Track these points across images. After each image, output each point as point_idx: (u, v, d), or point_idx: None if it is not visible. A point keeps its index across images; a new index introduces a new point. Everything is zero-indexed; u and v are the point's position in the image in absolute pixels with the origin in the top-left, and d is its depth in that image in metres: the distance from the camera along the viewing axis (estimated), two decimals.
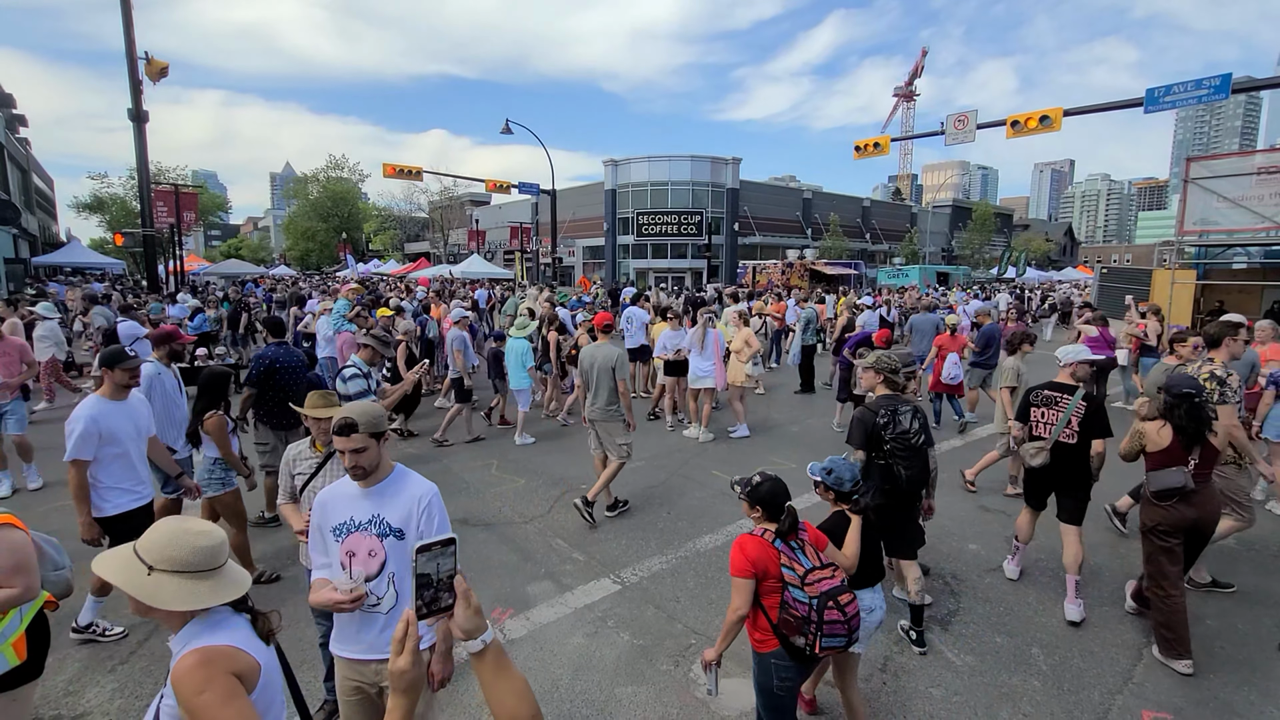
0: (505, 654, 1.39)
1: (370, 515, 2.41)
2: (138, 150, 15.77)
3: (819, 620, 2.55)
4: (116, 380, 3.91)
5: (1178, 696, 3.59)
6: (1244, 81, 13.90)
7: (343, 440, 2.34)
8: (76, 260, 28.99)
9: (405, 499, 2.43)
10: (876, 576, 3.30)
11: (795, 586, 2.60)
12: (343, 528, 2.43)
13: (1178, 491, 3.85)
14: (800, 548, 2.73)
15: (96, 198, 45.26)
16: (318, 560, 2.50)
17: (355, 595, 2.28)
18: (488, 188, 27.33)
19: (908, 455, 3.92)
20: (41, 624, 2.63)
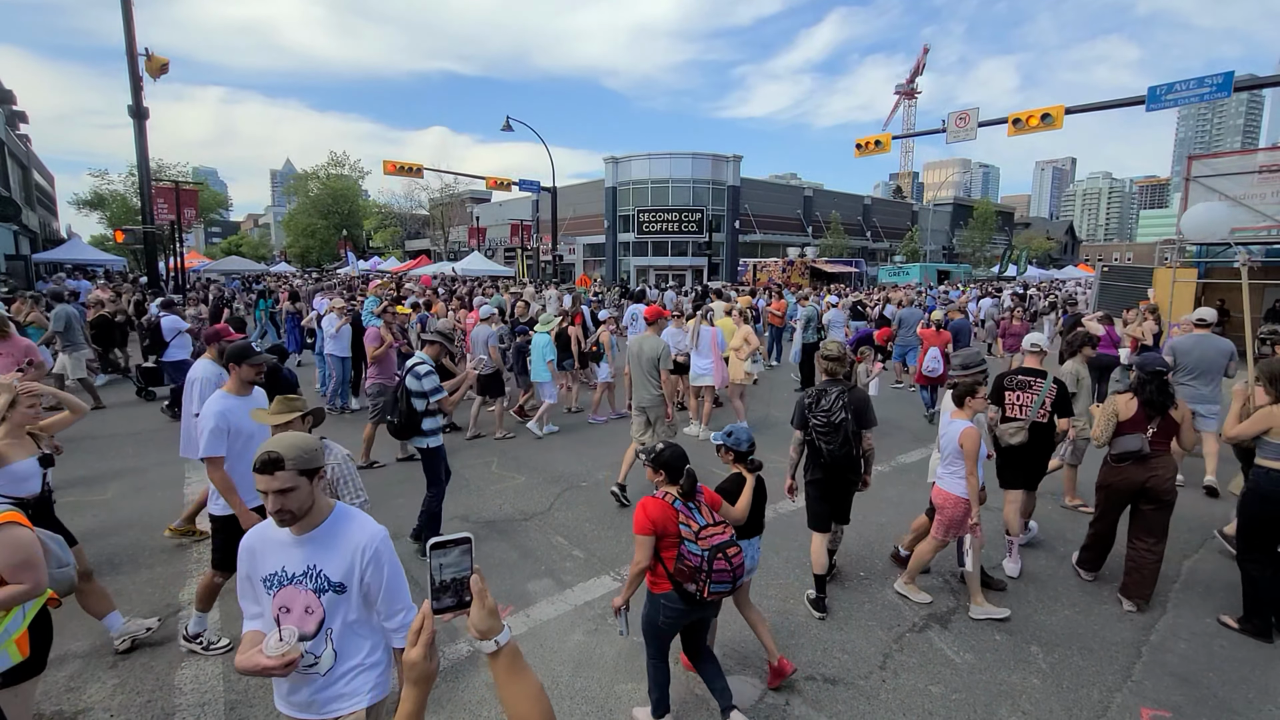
0: (520, 656, 1.39)
1: (305, 566, 2.11)
2: (138, 147, 15.77)
3: (709, 569, 2.93)
4: (243, 376, 3.86)
5: (1177, 694, 3.60)
6: (1246, 80, 13.87)
7: (265, 479, 1.99)
8: (77, 257, 28.97)
9: (346, 547, 2.12)
10: (756, 530, 3.80)
11: (690, 541, 2.96)
12: (274, 579, 2.13)
13: (1134, 455, 4.42)
14: (697, 507, 3.10)
15: (97, 194, 45.30)
16: (249, 610, 2.19)
17: (286, 660, 1.97)
18: (488, 185, 27.30)
19: (828, 432, 4.39)
20: (44, 621, 2.64)
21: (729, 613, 4.37)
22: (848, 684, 3.66)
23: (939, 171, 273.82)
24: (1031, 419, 4.98)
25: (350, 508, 2.26)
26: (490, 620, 1.35)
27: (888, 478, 7.21)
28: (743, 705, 3.49)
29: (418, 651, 1.32)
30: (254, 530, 2.22)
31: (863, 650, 3.98)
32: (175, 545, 5.37)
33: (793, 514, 6.09)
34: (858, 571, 5.00)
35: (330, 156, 54.66)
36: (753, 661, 3.86)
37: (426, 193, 53.84)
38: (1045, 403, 4.98)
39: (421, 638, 1.33)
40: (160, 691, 3.58)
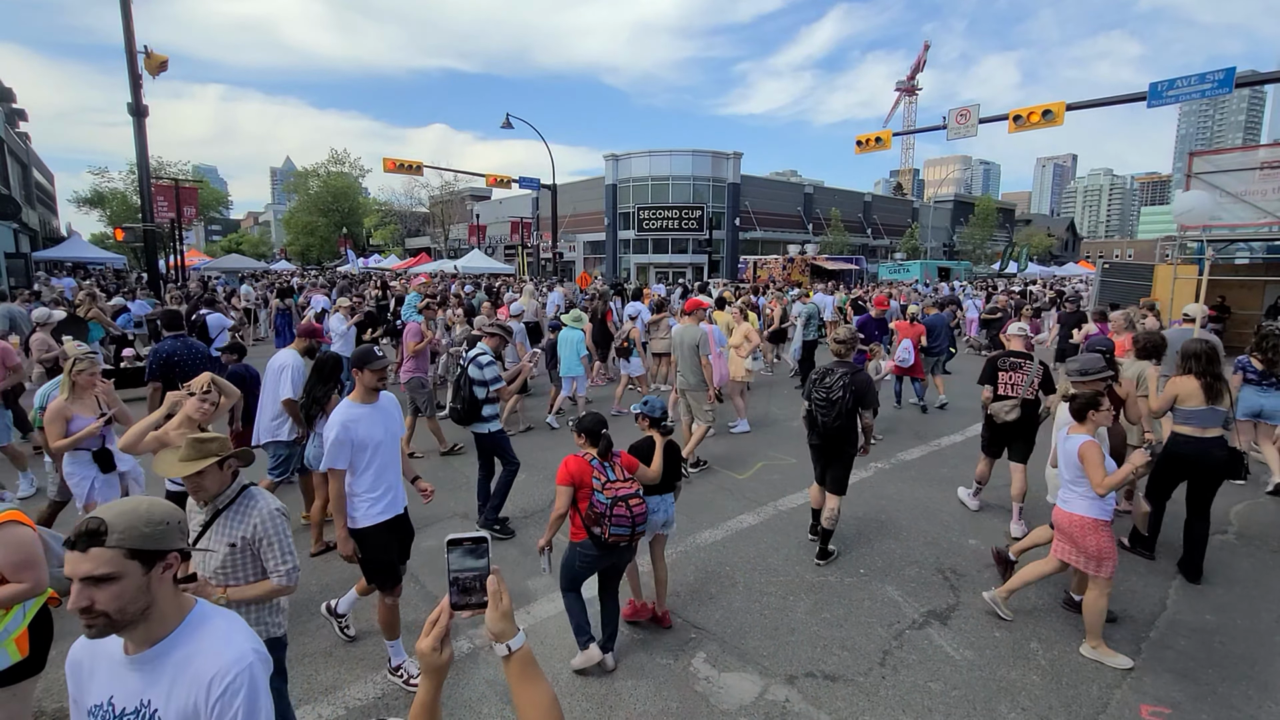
0: (533, 664, 1.37)
1: (137, 703, 1.50)
2: (138, 145, 15.73)
3: (610, 515, 3.49)
4: (366, 382, 3.63)
5: (1176, 691, 3.60)
6: (1248, 76, 13.82)
7: (74, 558, 1.39)
8: (77, 255, 28.97)
9: (192, 679, 1.48)
10: (669, 487, 4.23)
11: (599, 492, 3.53)
12: (100, 713, 1.52)
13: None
14: (610, 465, 3.66)
15: (97, 193, 45.23)
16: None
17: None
18: (488, 182, 27.27)
19: (825, 407, 4.92)
20: (45, 620, 2.64)
21: (729, 614, 4.38)
22: (847, 681, 3.66)
23: (940, 168, 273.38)
24: (1023, 396, 5.57)
25: (214, 612, 1.62)
26: (502, 624, 1.34)
27: (888, 475, 7.21)
28: (742, 702, 3.50)
29: (427, 642, 1.32)
30: (83, 640, 1.57)
31: (862, 647, 3.98)
32: None
33: (792, 513, 6.10)
34: (858, 569, 5.00)
35: (330, 154, 54.72)
36: (753, 659, 3.87)
37: (426, 190, 53.81)
38: (1034, 382, 5.58)
39: (434, 629, 1.33)
40: None
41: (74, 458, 4.42)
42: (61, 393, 4.42)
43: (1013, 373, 5.66)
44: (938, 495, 6.56)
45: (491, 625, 1.34)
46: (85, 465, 4.44)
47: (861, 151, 18.71)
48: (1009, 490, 5.79)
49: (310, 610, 4.39)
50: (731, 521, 5.86)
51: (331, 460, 3.52)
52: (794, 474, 7.14)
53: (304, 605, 4.45)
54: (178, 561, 1.54)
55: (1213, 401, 4.83)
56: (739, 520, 5.87)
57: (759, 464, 7.54)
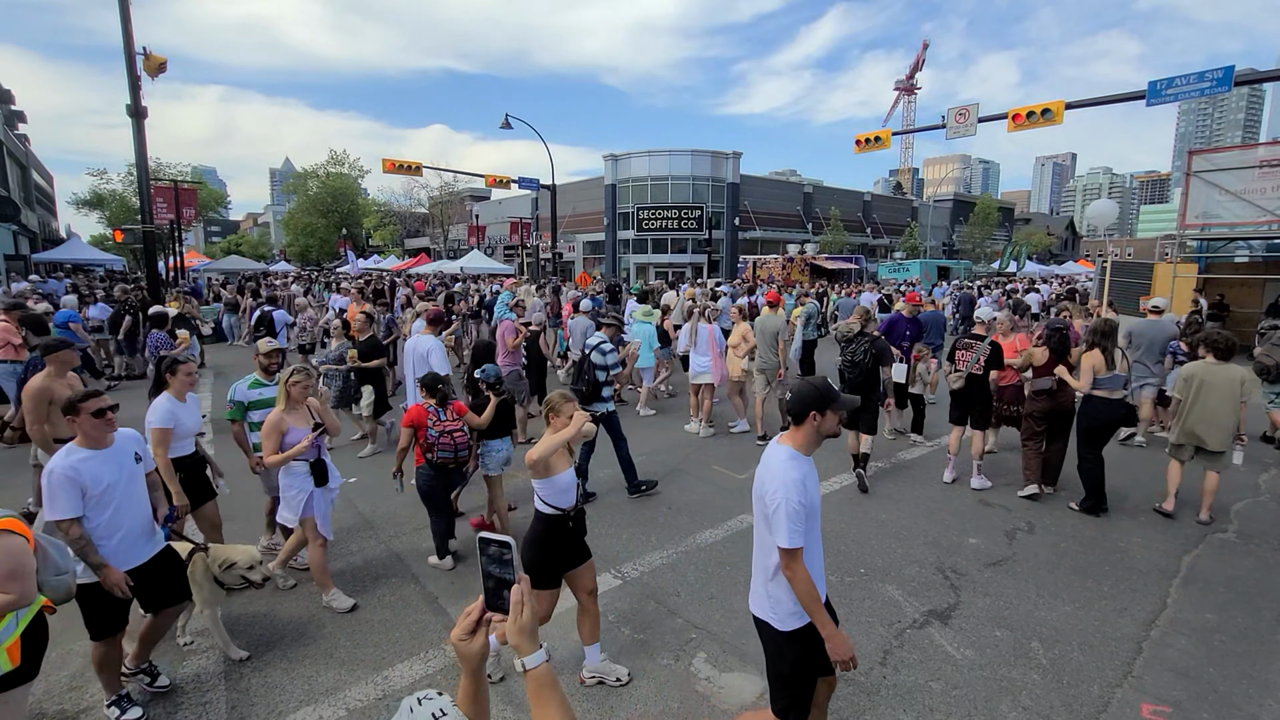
0: (550, 686, 1.33)
1: None
2: (137, 146, 15.68)
3: (438, 443, 4.79)
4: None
5: (1177, 690, 3.60)
6: (1247, 74, 13.80)
7: None
8: (76, 257, 28.95)
9: None
10: (504, 433, 5.42)
11: (432, 429, 4.81)
12: None
13: (1048, 391, 6.28)
14: (444, 411, 4.91)
15: (96, 194, 45.26)
16: None
17: None
18: (488, 183, 27.24)
19: (852, 366, 6.75)
20: (40, 626, 2.62)
21: (730, 615, 4.38)
22: (848, 680, 3.66)
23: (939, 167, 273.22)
24: (968, 371, 6.62)
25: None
26: (519, 638, 1.31)
27: (888, 474, 7.21)
28: (743, 702, 3.50)
29: (455, 631, 1.34)
30: None
31: (863, 646, 3.98)
32: None
33: None
34: (858, 568, 5.00)
35: (330, 155, 54.63)
36: (754, 659, 3.87)
37: (426, 191, 53.77)
38: (980, 359, 6.59)
39: (464, 620, 1.35)
40: (162, 691, 3.59)
41: (290, 471, 4.36)
42: (278, 405, 4.38)
43: (964, 351, 6.72)
44: (938, 494, 6.56)
45: (510, 637, 1.32)
46: (302, 478, 4.35)
47: (861, 151, 18.69)
48: (1010, 487, 5.80)
49: (308, 609, 4.39)
50: (732, 521, 5.85)
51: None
52: None
53: (303, 604, 4.45)
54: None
55: (1114, 369, 6.10)
56: (739, 520, 5.87)
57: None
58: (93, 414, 3.22)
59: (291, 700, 3.52)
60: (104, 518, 3.23)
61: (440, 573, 4.94)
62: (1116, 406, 6.06)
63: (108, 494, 3.23)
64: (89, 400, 3.25)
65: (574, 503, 3.49)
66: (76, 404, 3.23)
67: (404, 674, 3.73)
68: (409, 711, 1.35)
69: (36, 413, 4.88)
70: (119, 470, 3.32)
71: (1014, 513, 6.09)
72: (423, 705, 1.37)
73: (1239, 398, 5.71)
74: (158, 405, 4.37)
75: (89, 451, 3.23)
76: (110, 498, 3.24)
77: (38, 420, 4.89)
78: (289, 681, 3.67)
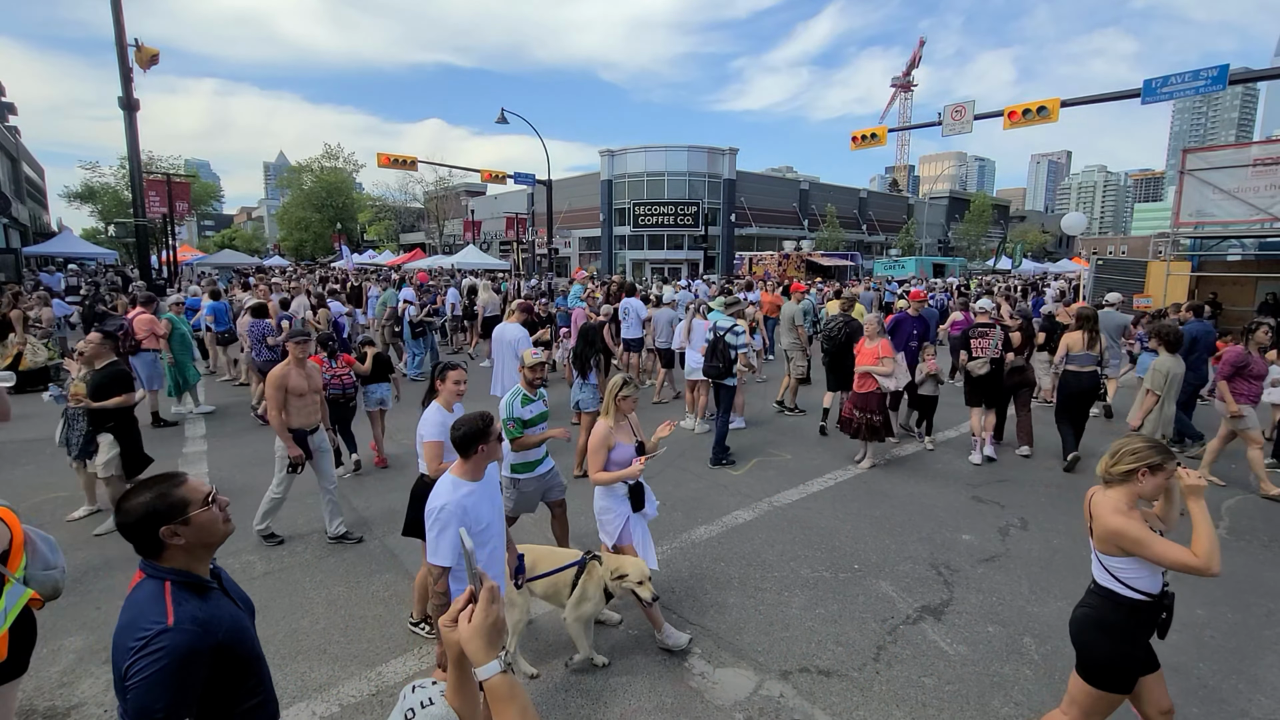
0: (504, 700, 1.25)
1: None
2: (129, 139, 15.59)
3: (328, 384, 6.34)
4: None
5: (1168, 686, 3.62)
6: (1241, 73, 13.85)
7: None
8: (68, 250, 28.75)
9: None
10: (383, 378, 7.32)
11: (325, 373, 6.32)
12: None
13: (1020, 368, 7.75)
14: (335, 361, 6.70)
15: (88, 187, 44.90)
16: None
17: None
18: (483, 178, 27.13)
19: (829, 340, 8.31)
20: (27, 623, 2.60)
21: (724, 610, 4.39)
22: (841, 676, 3.67)
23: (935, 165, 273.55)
24: (990, 355, 7.38)
25: None
26: (470, 644, 1.26)
27: (882, 471, 7.23)
28: (737, 697, 3.50)
29: (444, 616, 1.35)
30: None
31: (856, 642, 3.99)
32: None
33: (787, 508, 6.11)
34: (852, 564, 5.02)
35: (324, 149, 54.26)
36: (748, 655, 3.88)
37: (421, 186, 53.57)
38: (998, 345, 7.44)
39: (452, 608, 1.34)
40: None
41: (612, 493, 4.00)
42: (604, 418, 4.02)
43: (981, 339, 7.48)
44: (931, 491, 6.58)
45: (462, 642, 1.27)
46: (620, 501, 4.00)
47: (857, 148, 18.68)
48: (1004, 484, 5.82)
49: (307, 607, 4.37)
50: (727, 518, 5.86)
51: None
52: (790, 470, 7.16)
53: (296, 599, 4.44)
54: None
55: (1089, 348, 7.24)
56: (734, 516, 5.88)
57: (754, 460, 7.55)
58: (498, 439, 2.92)
59: (285, 696, 3.51)
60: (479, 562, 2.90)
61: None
62: (1086, 378, 7.23)
63: (485, 534, 2.89)
64: (493, 425, 2.92)
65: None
66: (480, 433, 2.86)
67: (397, 670, 3.73)
68: (403, 697, 1.37)
69: (275, 400, 5.03)
70: (493, 506, 2.99)
71: (1007, 509, 6.12)
72: (415, 693, 1.38)
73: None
74: (429, 417, 4.04)
75: (471, 485, 2.88)
76: (487, 538, 2.90)
77: (276, 407, 5.05)
78: (282, 678, 3.66)
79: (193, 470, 7.01)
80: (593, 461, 3.93)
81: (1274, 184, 13.77)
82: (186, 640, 1.61)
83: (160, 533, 1.69)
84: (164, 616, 1.61)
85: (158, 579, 1.70)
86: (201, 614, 1.69)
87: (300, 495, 6.33)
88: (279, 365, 5.23)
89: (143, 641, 1.57)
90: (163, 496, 1.72)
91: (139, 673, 1.55)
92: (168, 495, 1.73)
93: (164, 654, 1.57)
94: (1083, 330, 7.28)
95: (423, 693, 1.39)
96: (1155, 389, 6.15)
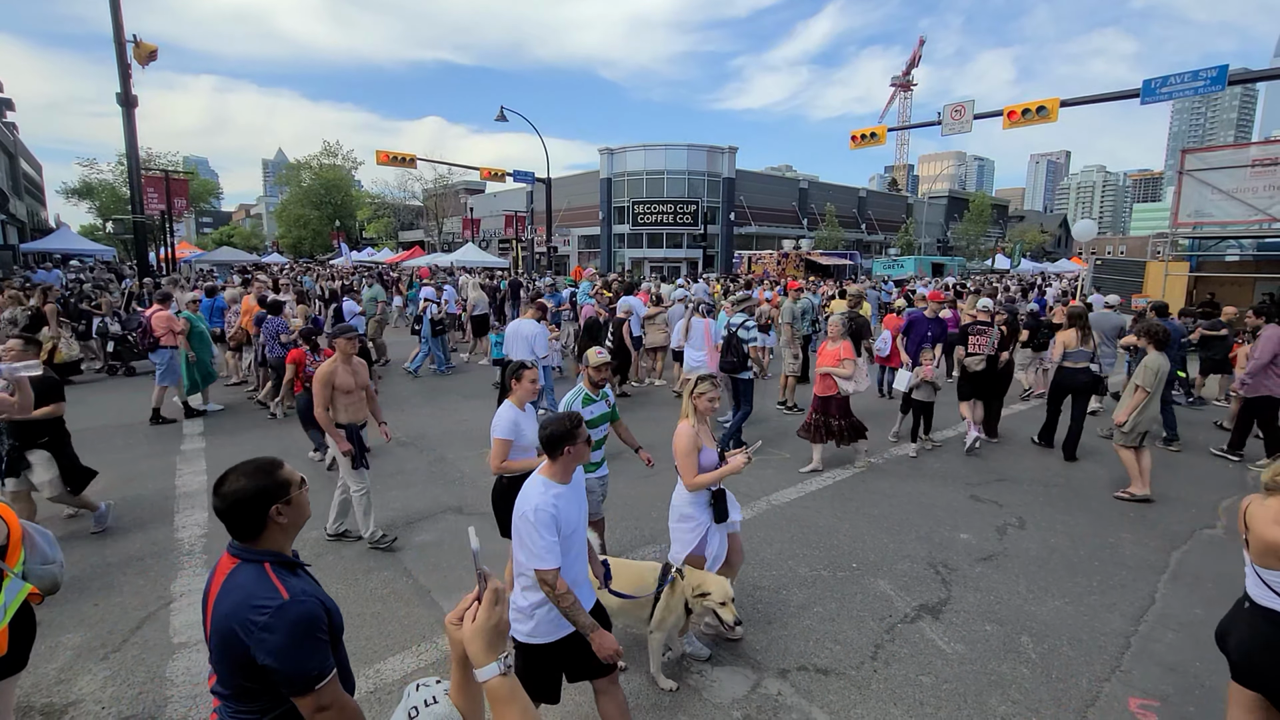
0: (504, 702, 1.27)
1: None
2: (127, 136, 15.56)
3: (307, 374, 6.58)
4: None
5: (1165, 684, 3.64)
6: (1240, 73, 13.87)
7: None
8: (66, 247, 28.68)
9: None
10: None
11: (309, 366, 6.53)
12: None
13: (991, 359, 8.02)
14: (318, 353, 7.03)
15: (86, 184, 44.78)
16: None
17: None
18: (482, 176, 27.12)
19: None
20: (27, 618, 2.60)
21: None
22: (839, 674, 3.68)
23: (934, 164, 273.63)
24: (987, 353, 7.82)
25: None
26: (472, 644, 1.26)
27: (880, 470, 7.23)
28: (735, 695, 3.51)
29: (451, 614, 1.35)
30: None
31: (854, 641, 4.00)
32: (167, 537, 5.33)
33: (785, 507, 6.11)
34: (850, 563, 5.02)
35: (323, 146, 54.19)
36: (744, 654, 3.88)
37: (420, 183, 53.47)
38: (994, 342, 7.86)
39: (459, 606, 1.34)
40: (152, 684, 3.57)
41: (694, 502, 3.79)
42: (685, 419, 3.89)
43: (979, 336, 7.92)
44: (929, 490, 6.59)
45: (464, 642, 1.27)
46: (703, 510, 3.79)
47: (856, 147, 18.70)
48: (1002, 483, 5.82)
49: None
50: None
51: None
52: (787, 469, 7.16)
53: None
54: None
55: (1082, 345, 7.49)
56: None
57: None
58: (585, 442, 2.77)
59: None
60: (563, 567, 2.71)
61: (434, 567, 4.93)
62: (1080, 374, 7.48)
63: (573, 539, 2.74)
64: (581, 427, 2.75)
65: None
66: (567, 434, 2.70)
67: (396, 667, 3.72)
68: (407, 695, 1.37)
69: (323, 397, 5.00)
70: (581, 511, 2.85)
71: (1005, 508, 6.13)
72: (419, 691, 1.38)
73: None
74: (502, 414, 4.01)
75: (561, 487, 2.71)
76: (571, 545, 2.72)
77: (324, 404, 5.02)
78: None
79: (190, 468, 7.01)
80: (685, 467, 3.71)
81: (1272, 184, 13.80)
82: (307, 608, 1.75)
83: (269, 512, 1.80)
84: (276, 593, 1.74)
85: (255, 562, 1.81)
86: (307, 586, 1.85)
87: None
88: (326, 362, 5.16)
89: (267, 616, 1.69)
90: (273, 477, 1.84)
91: (279, 648, 1.68)
92: (276, 476, 1.85)
93: (294, 623, 1.70)
94: (1075, 328, 7.53)
95: (426, 691, 1.39)
96: (1147, 386, 6.19)
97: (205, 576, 4.65)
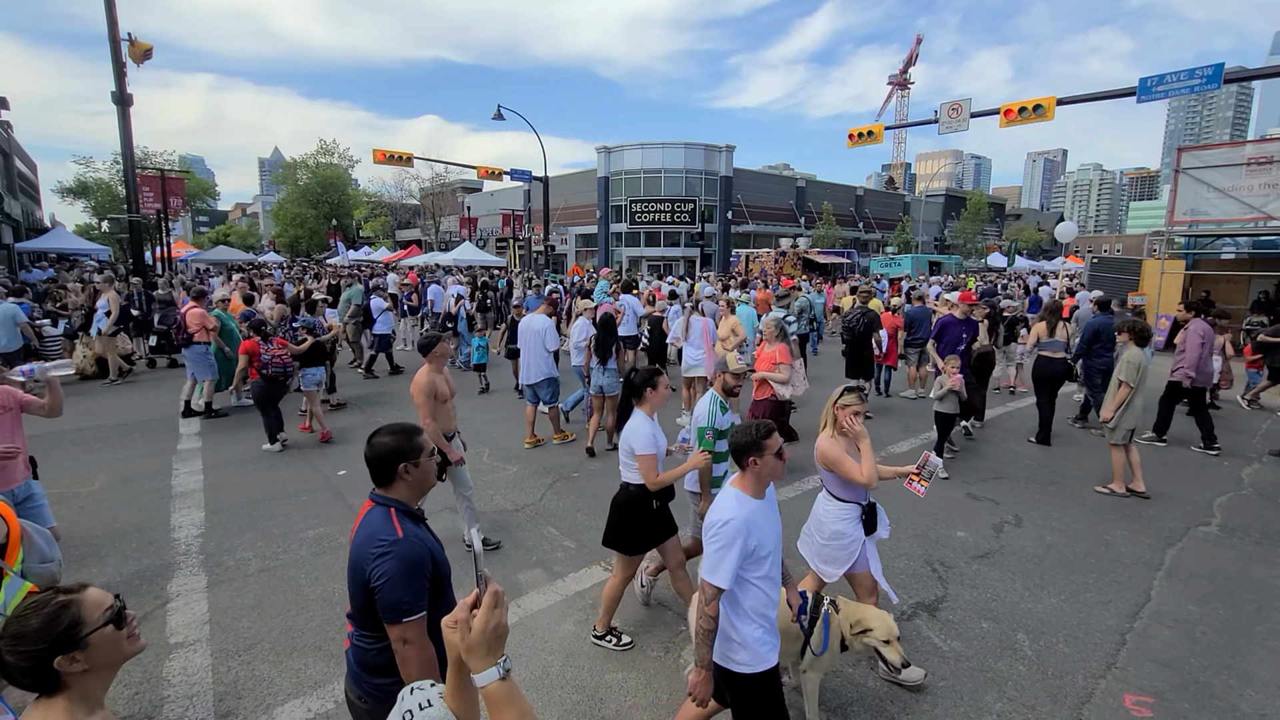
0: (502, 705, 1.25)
1: None
2: (122, 134, 15.49)
3: (269, 363, 7.32)
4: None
5: (1160, 680, 3.65)
6: (1236, 71, 13.90)
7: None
8: (62, 246, 28.56)
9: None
10: (319, 362, 8.15)
11: (264, 354, 7.31)
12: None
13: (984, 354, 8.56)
14: (271, 343, 7.46)
15: (81, 182, 44.57)
16: None
17: None
18: (480, 174, 27.09)
19: (847, 331, 9.23)
20: None
21: None
22: (835, 672, 3.68)
23: (931, 163, 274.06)
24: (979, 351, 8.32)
25: None
26: (470, 649, 1.25)
27: None
28: None
29: (447, 618, 1.33)
30: None
31: None
32: (163, 537, 5.32)
33: (783, 505, 6.11)
34: None
35: (320, 145, 53.94)
36: None
37: (417, 182, 53.36)
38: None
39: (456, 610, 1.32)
40: (148, 683, 3.56)
41: (843, 517, 3.64)
42: (824, 428, 3.74)
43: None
44: (927, 488, 6.59)
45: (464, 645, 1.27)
46: (855, 525, 3.61)
47: (854, 145, 18.72)
48: (999, 481, 5.81)
49: (302, 604, 4.37)
50: None
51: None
52: (786, 467, 7.15)
53: (291, 595, 4.43)
54: None
55: (1053, 336, 8.12)
56: None
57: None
58: (777, 455, 2.63)
59: (280, 693, 3.51)
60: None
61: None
62: (1058, 363, 7.98)
63: (767, 561, 2.59)
64: (771, 437, 2.62)
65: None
66: (751, 444, 2.60)
67: None
68: (402, 699, 1.36)
69: (427, 407, 4.76)
70: (775, 528, 2.67)
71: (1001, 506, 6.14)
72: (414, 694, 1.38)
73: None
74: (639, 428, 3.81)
75: (755, 502, 2.60)
76: (765, 563, 2.59)
77: (429, 415, 4.74)
78: (277, 674, 3.66)
79: (186, 467, 6.99)
80: (846, 472, 3.53)
81: (1268, 183, 13.84)
82: (414, 549, 2.05)
83: (399, 468, 2.14)
84: (394, 532, 2.05)
85: (385, 506, 2.14)
86: (421, 534, 2.15)
87: (295, 493, 6.33)
88: (423, 371, 4.87)
89: (382, 548, 2.01)
90: (410, 441, 2.18)
91: (385, 574, 1.97)
92: (413, 441, 2.19)
93: (400, 558, 2.00)
94: (1045, 321, 8.30)
95: (421, 694, 1.38)
96: (1129, 380, 6.27)
97: (201, 576, 4.66)
